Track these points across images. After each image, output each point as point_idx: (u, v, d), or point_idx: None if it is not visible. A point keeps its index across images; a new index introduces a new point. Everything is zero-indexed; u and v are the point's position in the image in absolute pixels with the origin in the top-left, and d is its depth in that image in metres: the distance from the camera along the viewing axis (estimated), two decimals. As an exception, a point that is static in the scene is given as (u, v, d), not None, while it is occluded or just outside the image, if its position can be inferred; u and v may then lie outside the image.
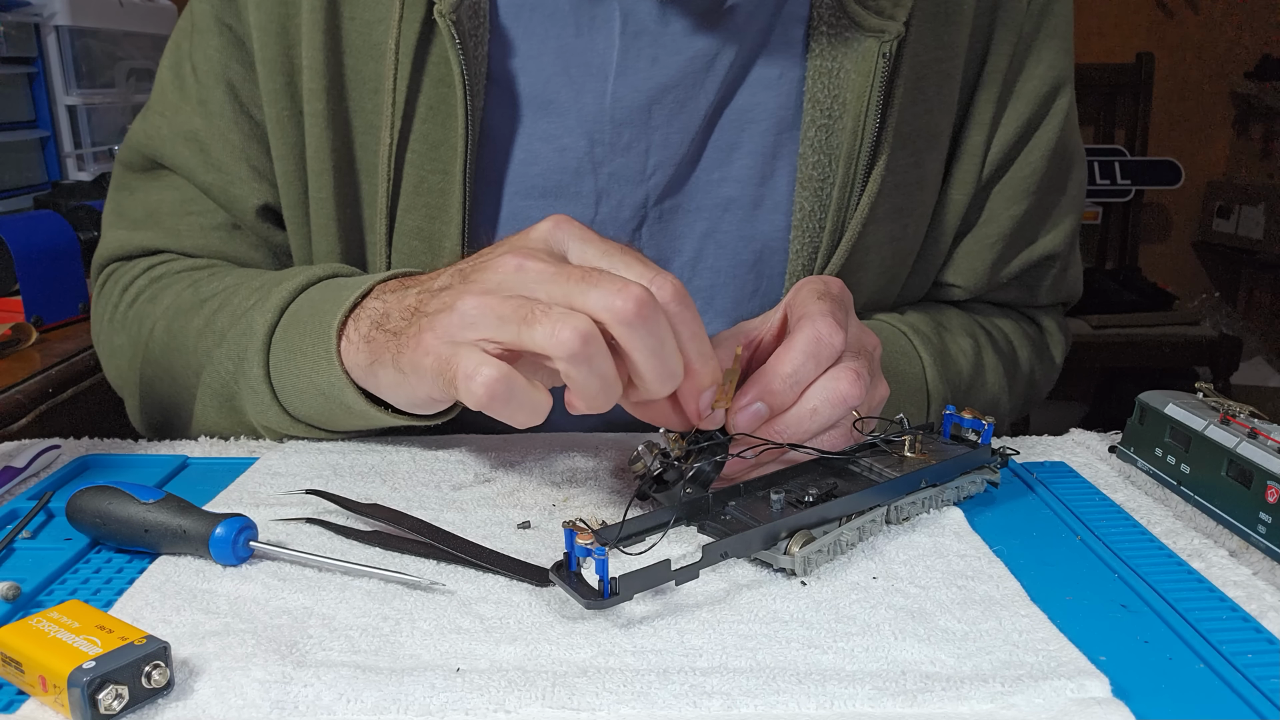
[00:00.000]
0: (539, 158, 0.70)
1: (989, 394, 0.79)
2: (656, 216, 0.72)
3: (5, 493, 0.59)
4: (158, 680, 0.38)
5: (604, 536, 0.47)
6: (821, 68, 0.69)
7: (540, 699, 0.38)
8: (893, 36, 0.67)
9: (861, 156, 0.69)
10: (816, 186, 0.71)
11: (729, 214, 0.72)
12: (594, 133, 0.70)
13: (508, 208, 0.71)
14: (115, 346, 0.76)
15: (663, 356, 0.48)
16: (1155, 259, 2.85)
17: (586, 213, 0.71)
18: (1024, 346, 0.84)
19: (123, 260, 0.78)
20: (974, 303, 0.83)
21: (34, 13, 1.38)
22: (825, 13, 0.69)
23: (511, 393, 0.48)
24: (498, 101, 0.69)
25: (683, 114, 0.70)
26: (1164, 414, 0.59)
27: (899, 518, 0.54)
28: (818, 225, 0.71)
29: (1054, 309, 0.88)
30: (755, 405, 0.54)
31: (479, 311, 0.49)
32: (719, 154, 0.71)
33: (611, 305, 0.47)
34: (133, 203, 0.77)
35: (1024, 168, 0.77)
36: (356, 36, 0.69)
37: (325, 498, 0.56)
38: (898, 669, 0.41)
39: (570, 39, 0.69)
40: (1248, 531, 0.52)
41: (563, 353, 0.47)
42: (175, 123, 0.75)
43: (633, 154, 0.70)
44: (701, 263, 0.73)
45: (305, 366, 0.61)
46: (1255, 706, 0.39)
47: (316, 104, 0.69)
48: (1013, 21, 0.73)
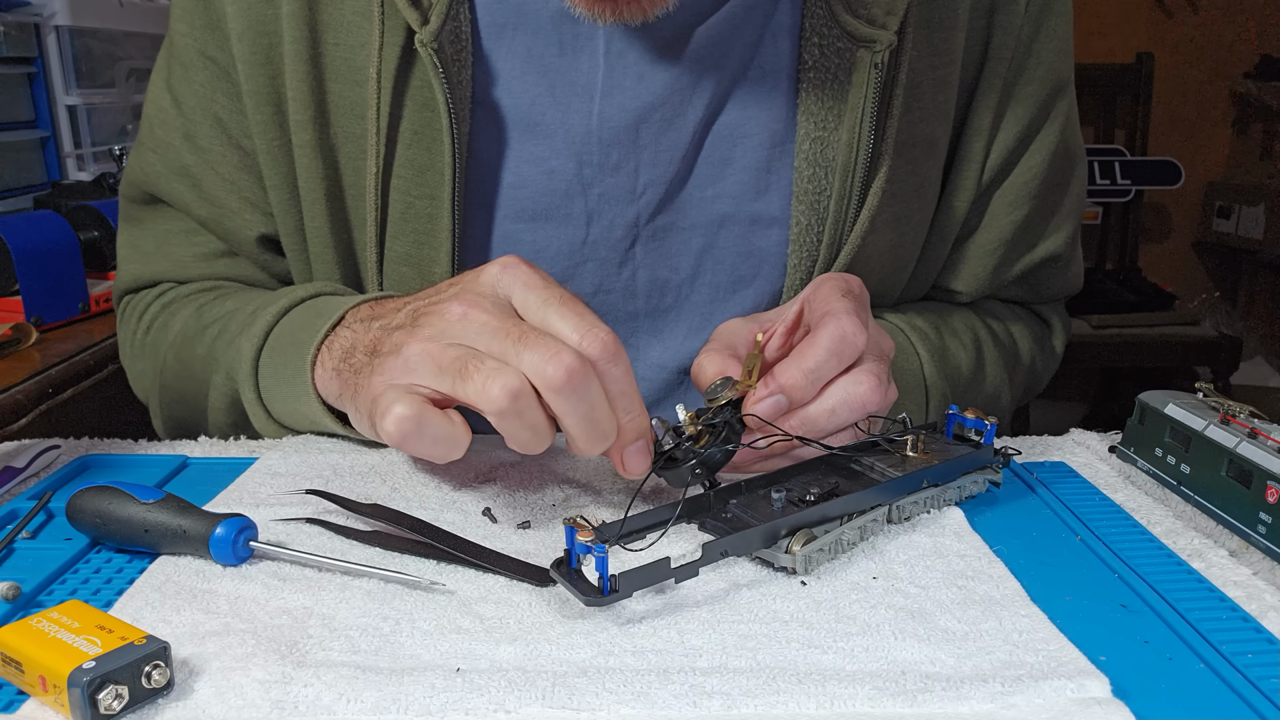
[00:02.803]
0: (527, 181, 0.70)
1: (989, 389, 0.79)
2: (650, 235, 0.72)
3: (5, 493, 0.59)
4: (158, 680, 0.38)
5: (604, 534, 0.47)
6: (814, 79, 0.68)
7: (540, 699, 0.38)
8: (885, 46, 0.66)
9: (858, 168, 0.69)
10: (813, 200, 0.70)
11: (724, 230, 0.72)
12: (582, 154, 0.69)
13: (498, 231, 0.71)
14: (138, 371, 0.79)
15: (593, 420, 0.50)
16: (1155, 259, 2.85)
17: (578, 234, 0.71)
18: (1025, 338, 0.84)
19: (137, 291, 0.80)
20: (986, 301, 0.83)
21: (34, 13, 1.38)
22: (816, 23, 0.68)
23: (422, 430, 0.50)
24: (483, 125, 0.69)
25: (671, 131, 0.69)
26: (1164, 414, 0.59)
27: (900, 517, 0.54)
28: (815, 239, 0.71)
29: (1055, 305, 0.88)
30: (775, 397, 0.55)
31: (420, 360, 0.51)
32: (712, 170, 0.71)
33: (543, 372, 0.48)
34: (141, 235, 0.79)
35: (1025, 172, 0.76)
36: (339, 62, 0.68)
37: (325, 497, 0.56)
38: (898, 669, 0.40)
39: (554, 59, 0.68)
40: (1248, 531, 0.52)
41: (492, 408, 0.48)
42: (167, 158, 0.76)
43: (622, 174, 0.70)
44: (699, 279, 0.73)
45: (289, 394, 0.64)
46: (1255, 706, 0.39)
47: (304, 134, 0.70)
48: (1010, 25, 0.72)
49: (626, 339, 0.75)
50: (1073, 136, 0.80)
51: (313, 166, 0.70)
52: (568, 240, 0.71)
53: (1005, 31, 0.73)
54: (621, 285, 0.73)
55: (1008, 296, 0.84)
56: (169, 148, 0.75)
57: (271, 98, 0.70)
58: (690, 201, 0.71)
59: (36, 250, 1.00)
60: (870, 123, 0.68)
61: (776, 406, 0.55)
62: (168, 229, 0.78)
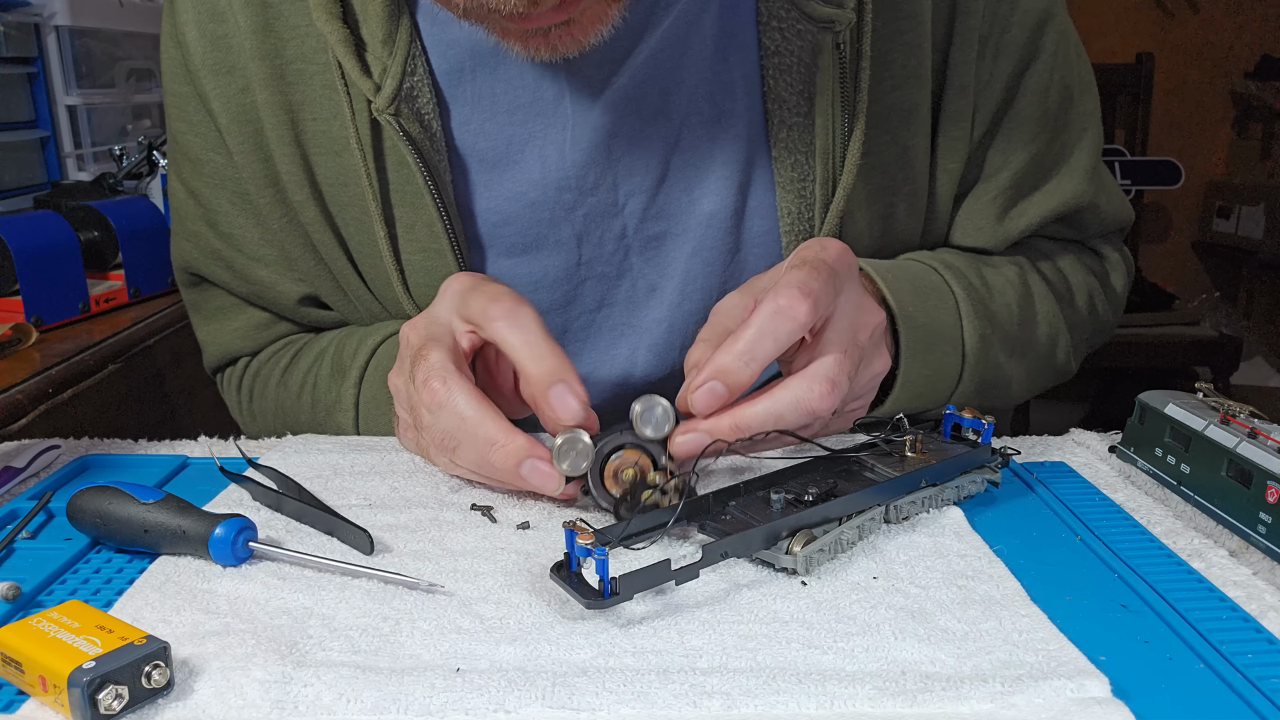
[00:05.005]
0: (512, 217, 0.70)
1: (1044, 329, 0.75)
2: (641, 245, 0.72)
3: (5, 493, 0.59)
4: (158, 680, 0.38)
5: (604, 537, 0.47)
6: (779, 65, 0.68)
7: (540, 699, 0.38)
8: (844, 25, 0.65)
9: (836, 149, 0.68)
10: (799, 188, 0.70)
11: (711, 229, 0.71)
12: (560, 180, 0.70)
13: (494, 270, 0.72)
14: (254, 433, 0.83)
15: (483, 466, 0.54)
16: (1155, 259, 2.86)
17: (571, 257, 0.72)
18: (1078, 273, 0.80)
19: (223, 369, 0.84)
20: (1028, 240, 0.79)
21: (34, 13, 1.38)
22: (774, 7, 0.67)
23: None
24: (461, 171, 0.70)
25: (642, 140, 0.69)
26: (1164, 414, 0.59)
27: (899, 517, 0.54)
28: (807, 226, 0.70)
29: (1110, 237, 0.84)
30: (710, 384, 0.53)
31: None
32: (692, 171, 0.71)
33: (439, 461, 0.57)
34: (203, 318, 0.83)
35: (1016, 118, 0.74)
36: (319, 136, 0.70)
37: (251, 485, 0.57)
38: (898, 669, 0.40)
39: (518, 94, 0.68)
40: (1248, 531, 0.52)
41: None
42: (199, 245, 0.78)
43: (602, 190, 0.70)
44: (692, 282, 0.73)
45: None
46: (1255, 706, 0.39)
47: (309, 212, 0.71)
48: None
49: (631, 350, 0.75)
50: (1067, 68, 0.75)
51: (326, 238, 0.72)
52: (562, 265, 0.72)
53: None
54: (623, 297, 0.74)
55: (1050, 235, 0.80)
56: (198, 236, 0.78)
57: (270, 180, 0.72)
58: (676, 205, 0.71)
59: (36, 250, 1.00)
60: (841, 104, 0.67)
61: (712, 394, 0.53)
62: (220, 305, 0.81)
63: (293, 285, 0.77)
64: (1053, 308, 0.77)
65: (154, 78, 1.68)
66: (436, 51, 0.68)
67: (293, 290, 0.77)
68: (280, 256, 0.76)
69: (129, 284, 1.13)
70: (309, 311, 0.78)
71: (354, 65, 0.65)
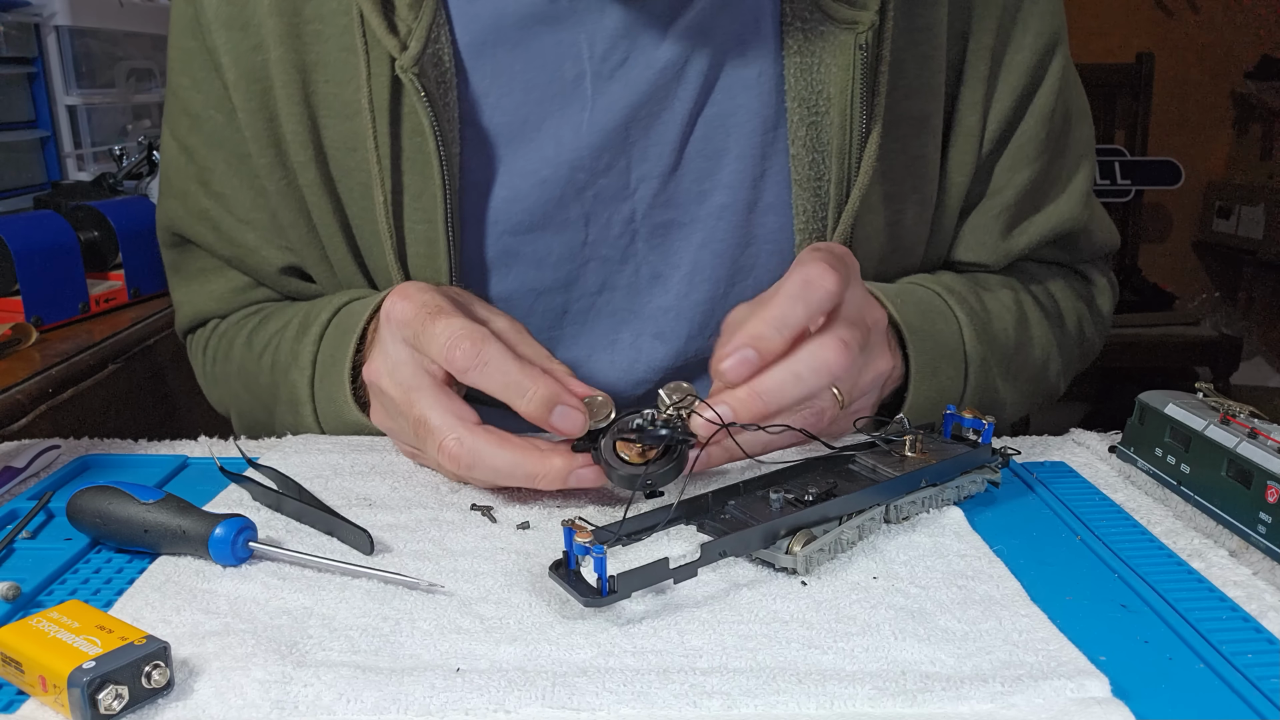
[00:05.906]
0: (521, 194, 0.70)
1: (1037, 351, 0.77)
2: (649, 231, 0.72)
3: (5, 493, 0.59)
4: (158, 680, 0.38)
5: (603, 535, 0.47)
6: (801, 64, 0.68)
7: (540, 699, 0.38)
8: (866, 27, 0.66)
9: (853, 150, 0.68)
10: (814, 186, 0.70)
11: (723, 220, 0.72)
12: (574, 160, 0.69)
13: (498, 246, 0.71)
14: (215, 398, 0.85)
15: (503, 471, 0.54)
16: (1155, 259, 2.86)
17: (577, 237, 0.71)
18: (1068, 297, 0.81)
19: (194, 330, 0.85)
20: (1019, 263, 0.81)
21: (34, 13, 1.38)
22: (798, 7, 0.68)
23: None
24: (473, 145, 0.69)
25: (658, 125, 0.69)
26: (1164, 414, 0.59)
27: (899, 517, 0.54)
28: (820, 225, 0.71)
29: (1097, 262, 0.86)
30: (742, 351, 0.53)
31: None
32: (705, 162, 0.71)
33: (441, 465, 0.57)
34: (182, 278, 0.83)
35: (1021, 137, 0.75)
36: (331, 99, 0.69)
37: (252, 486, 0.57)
38: (898, 669, 0.40)
39: (538, 70, 0.68)
40: (1248, 531, 0.52)
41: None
42: (187, 204, 0.78)
43: (614, 173, 0.70)
44: (699, 272, 0.73)
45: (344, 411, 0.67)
46: (1255, 706, 0.39)
47: (308, 174, 0.71)
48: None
49: (635, 337, 0.75)
50: (1070, 94, 0.78)
51: (322, 203, 0.72)
52: (567, 245, 0.72)
53: (987, 2, 0.72)
54: (625, 282, 0.74)
55: (1041, 258, 0.81)
56: (186, 195, 0.78)
57: (272, 140, 0.71)
58: (687, 195, 0.71)
59: (36, 250, 1.00)
60: (861, 104, 0.67)
61: (744, 361, 0.52)
62: (201, 267, 0.81)
63: (278, 253, 0.77)
64: (1046, 332, 0.78)
65: (154, 78, 1.68)
66: (461, 23, 0.68)
67: (277, 258, 0.77)
68: (269, 221, 0.76)
69: (129, 284, 1.13)
70: (289, 281, 0.78)
71: (380, 23, 0.65)
